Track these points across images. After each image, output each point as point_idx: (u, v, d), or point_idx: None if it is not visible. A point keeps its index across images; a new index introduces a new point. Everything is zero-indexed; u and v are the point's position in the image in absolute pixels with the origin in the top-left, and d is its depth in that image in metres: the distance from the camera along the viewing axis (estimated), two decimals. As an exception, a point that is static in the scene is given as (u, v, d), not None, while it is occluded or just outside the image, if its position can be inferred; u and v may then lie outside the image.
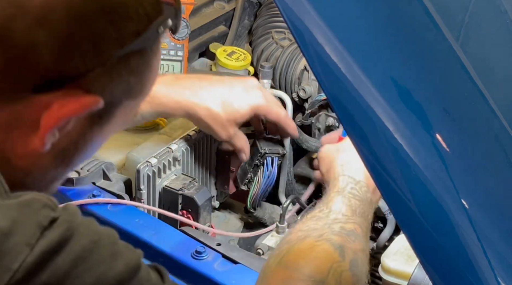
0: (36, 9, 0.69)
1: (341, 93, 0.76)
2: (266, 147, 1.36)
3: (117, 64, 0.74)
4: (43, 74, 0.71)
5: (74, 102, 0.72)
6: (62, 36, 0.70)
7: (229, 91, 1.31)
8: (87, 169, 1.33)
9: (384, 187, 0.77)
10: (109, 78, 0.74)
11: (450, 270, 0.75)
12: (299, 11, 0.76)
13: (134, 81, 0.77)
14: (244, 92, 1.32)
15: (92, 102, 0.74)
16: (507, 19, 0.91)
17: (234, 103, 1.30)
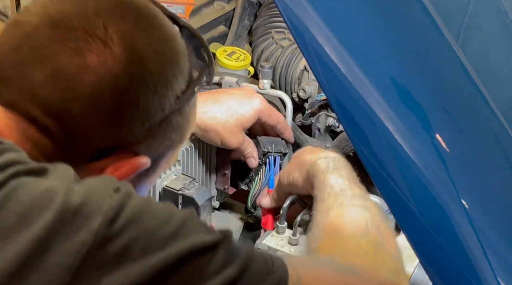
0: (86, 91, 0.72)
1: (341, 93, 0.76)
2: (269, 146, 1.36)
3: (160, 126, 0.79)
4: (96, 147, 0.76)
5: (126, 166, 0.78)
6: (111, 112, 0.74)
7: (232, 98, 1.32)
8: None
9: (384, 187, 0.77)
10: (153, 139, 0.80)
11: (450, 270, 0.75)
12: (299, 12, 0.76)
13: (175, 136, 0.83)
14: (246, 98, 1.33)
15: (142, 164, 0.79)
16: (507, 20, 0.91)
17: (239, 108, 1.31)
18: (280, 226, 1.26)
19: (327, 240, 1.00)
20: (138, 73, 0.74)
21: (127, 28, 0.75)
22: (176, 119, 0.81)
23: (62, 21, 0.74)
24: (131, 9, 0.77)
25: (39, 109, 0.73)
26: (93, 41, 0.73)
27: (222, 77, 1.53)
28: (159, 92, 0.76)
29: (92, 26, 0.73)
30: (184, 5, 1.50)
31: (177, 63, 0.79)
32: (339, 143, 1.40)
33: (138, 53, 0.75)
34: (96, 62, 0.72)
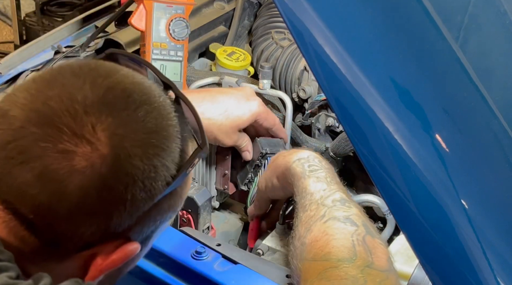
0: (73, 193, 0.72)
1: (341, 93, 0.76)
2: (268, 148, 1.37)
3: (150, 212, 0.79)
4: (84, 241, 0.76)
5: (116, 254, 0.78)
6: (98, 212, 0.74)
7: (230, 99, 1.32)
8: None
9: (383, 188, 0.77)
10: (143, 225, 0.80)
11: (450, 270, 0.75)
12: (299, 12, 0.76)
13: (168, 213, 0.83)
14: (244, 99, 1.33)
15: (132, 250, 0.79)
16: (507, 20, 0.91)
17: (235, 110, 1.31)
18: (280, 226, 1.26)
19: (313, 265, 0.98)
20: (126, 172, 0.74)
21: (116, 124, 0.74)
22: (167, 202, 0.81)
23: (50, 120, 0.73)
24: (121, 99, 0.76)
25: (27, 208, 0.73)
26: (80, 143, 0.72)
27: (222, 77, 1.53)
28: (147, 186, 0.76)
29: (80, 125, 0.73)
30: (184, 5, 1.50)
31: (168, 150, 0.78)
32: (339, 143, 1.40)
33: (126, 151, 0.74)
34: (84, 166, 0.72)
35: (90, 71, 0.77)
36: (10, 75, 1.61)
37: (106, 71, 0.78)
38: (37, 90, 0.75)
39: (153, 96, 0.78)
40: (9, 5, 3.57)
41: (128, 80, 0.78)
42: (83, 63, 0.79)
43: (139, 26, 1.49)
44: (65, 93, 0.74)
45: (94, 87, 0.75)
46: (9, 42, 3.79)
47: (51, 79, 0.76)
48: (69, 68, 0.78)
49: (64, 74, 0.77)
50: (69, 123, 0.72)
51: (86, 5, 3.18)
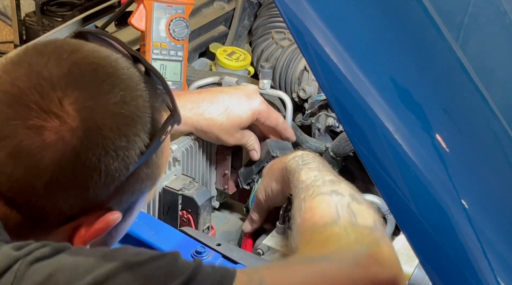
0: (48, 167, 0.74)
1: (341, 93, 0.76)
2: (278, 150, 1.36)
3: (127, 182, 0.80)
4: (65, 214, 0.77)
5: (98, 224, 0.79)
6: (74, 184, 0.75)
7: (231, 98, 1.32)
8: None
9: (383, 187, 0.77)
10: (122, 194, 0.80)
11: (450, 270, 0.75)
12: (299, 12, 0.76)
13: (145, 184, 0.83)
14: (245, 98, 1.33)
15: (113, 219, 0.80)
16: (507, 20, 0.91)
17: (236, 109, 1.31)
18: (280, 227, 1.26)
19: (302, 238, 1.02)
20: (97, 143, 0.75)
21: (83, 97, 0.75)
22: (144, 171, 0.82)
23: (18, 98, 0.74)
24: (87, 73, 0.77)
25: (4, 186, 0.75)
26: (49, 118, 0.73)
27: (222, 77, 1.53)
28: (120, 155, 0.76)
29: (47, 101, 0.74)
30: (184, 5, 1.50)
31: (138, 120, 0.78)
32: (339, 143, 1.40)
33: (96, 123, 0.75)
34: (54, 139, 0.73)
35: (55, 48, 0.78)
36: (10, 75, 1.60)
37: (71, 47, 0.79)
38: (5, 72, 0.77)
39: (121, 68, 0.79)
40: (9, 5, 3.57)
41: (94, 55, 0.79)
42: (48, 42, 0.80)
43: (139, 26, 1.49)
44: (32, 71, 0.76)
45: (60, 63, 0.76)
46: (9, 42, 3.79)
47: (17, 60, 0.78)
48: (34, 48, 0.79)
49: (30, 54, 0.78)
50: (37, 100, 0.74)
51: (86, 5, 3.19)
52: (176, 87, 1.50)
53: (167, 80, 1.48)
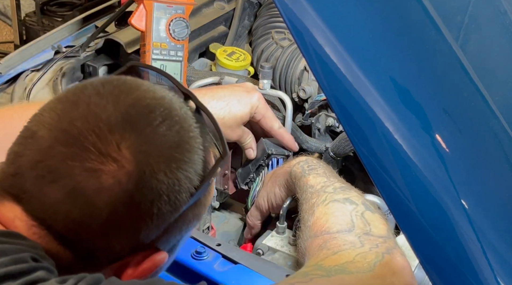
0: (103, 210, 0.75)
1: (341, 93, 0.76)
2: (273, 148, 1.37)
3: (176, 223, 0.82)
4: (115, 254, 0.79)
5: (145, 264, 0.81)
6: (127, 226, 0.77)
7: (231, 94, 1.33)
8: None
9: (383, 187, 0.77)
10: (170, 234, 0.82)
11: (450, 270, 0.75)
12: (299, 12, 0.76)
13: (193, 222, 0.86)
14: (245, 93, 1.33)
15: (160, 260, 0.82)
16: (507, 20, 0.91)
17: (237, 104, 1.32)
18: (280, 227, 1.26)
19: (314, 241, 1.03)
20: (151, 187, 0.76)
21: (140, 141, 0.76)
22: (192, 212, 0.84)
23: (76, 140, 0.75)
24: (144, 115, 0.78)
25: (59, 224, 0.76)
26: (107, 162, 0.75)
27: (222, 77, 1.53)
28: (172, 198, 0.78)
29: (105, 144, 0.75)
30: (184, 5, 1.50)
31: (190, 163, 0.80)
32: (339, 143, 1.40)
33: (151, 167, 0.76)
34: (111, 183, 0.75)
35: (113, 89, 0.79)
36: (10, 75, 1.61)
37: (128, 88, 0.80)
38: (63, 110, 0.78)
39: (174, 109, 0.81)
40: (9, 5, 3.57)
41: (149, 95, 0.80)
42: (106, 81, 0.81)
43: (139, 26, 1.49)
44: (90, 112, 0.77)
45: (117, 105, 0.77)
46: (9, 42, 3.79)
47: (75, 99, 0.79)
48: (92, 87, 0.80)
49: (88, 93, 0.79)
50: (95, 142, 0.75)
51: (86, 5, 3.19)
52: (176, 87, 1.50)
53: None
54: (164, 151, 0.77)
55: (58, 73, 1.61)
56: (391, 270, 0.96)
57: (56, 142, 0.76)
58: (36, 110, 0.82)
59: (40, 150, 0.76)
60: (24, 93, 1.55)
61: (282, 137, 1.37)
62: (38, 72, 1.62)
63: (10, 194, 0.77)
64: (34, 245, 0.75)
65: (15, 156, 0.78)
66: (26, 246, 0.75)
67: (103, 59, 1.68)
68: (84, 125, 0.76)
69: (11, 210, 0.77)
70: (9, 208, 0.77)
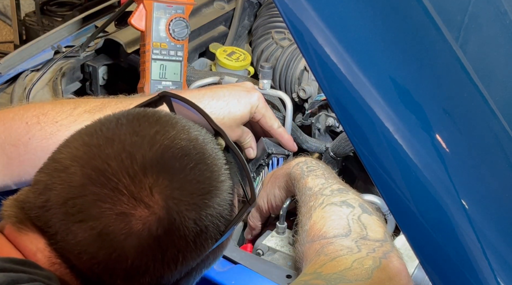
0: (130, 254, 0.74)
1: (341, 93, 0.76)
2: (273, 148, 1.37)
3: (197, 266, 0.82)
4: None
5: None
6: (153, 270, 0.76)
7: (231, 93, 1.33)
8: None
9: (383, 188, 0.77)
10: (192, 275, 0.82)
11: (450, 270, 0.75)
12: (299, 12, 0.76)
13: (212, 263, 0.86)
14: (245, 93, 1.33)
15: None
16: (507, 20, 0.91)
17: (237, 104, 1.32)
18: (280, 227, 1.26)
19: (311, 246, 1.04)
20: (179, 236, 0.76)
21: (172, 186, 0.75)
22: (214, 255, 0.84)
23: (109, 180, 0.74)
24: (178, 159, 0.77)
25: (84, 265, 0.75)
26: (138, 207, 0.73)
27: (222, 77, 1.53)
28: (198, 245, 0.77)
29: (138, 188, 0.74)
30: (184, 5, 1.50)
31: (219, 209, 0.79)
32: (339, 143, 1.40)
33: (181, 215, 0.75)
34: (140, 228, 0.74)
35: (149, 127, 0.78)
36: (10, 75, 1.61)
37: (163, 126, 0.79)
38: (97, 146, 0.76)
39: (207, 152, 0.80)
40: (9, 5, 3.58)
41: (184, 136, 0.79)
42: (141, 116, 0.80)
43: (139, 26, 1.49)
44: (124, 152, 0.75)
45: (153, 146, 0.76)
46: (9, 42, 3.79)
47: (109, 134, 0.77)
48: (128, 123, 0.78)
49: (123, 129, 0.78)
50: (128, 185, 0.74)
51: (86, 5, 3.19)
52: (176, 87, 1.50)
53: (167, 80, 1.49)
54: (195, 199, 0.76)
55: (58, 73, 1.61)
56: (387, 275, 0.96)
57: (88, 180, 0.74)
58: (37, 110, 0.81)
59: (72, 186, 0.74)
60: (24, 93, 1.55)
61: (282, 137, 1.37)
62: (38, 72, 1.62)
63: (35, 225, 0.76)
64: (49, 276, 0.74)
65: (44, 187, 0.76)
66: (41, 276, 0.73)
67: (103, 59, 1.68)
68: (118, 165, 0.74)
69: (34, 242, 0.76)
70: (32, 240, 0.76)
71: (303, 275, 0.98)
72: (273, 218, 1.32)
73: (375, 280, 0.94)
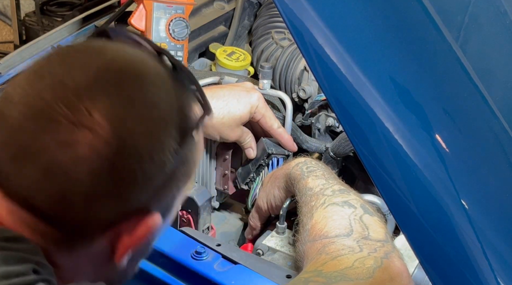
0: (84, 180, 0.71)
1: (341, 93, 0.76)
2: (273, 148, 1.37)
3: (164, 183, 0.78)
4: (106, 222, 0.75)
5: (139, 229, 0.77)
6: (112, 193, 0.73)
7: (231, 93, 1.32)
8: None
9: (383, 188, 0.77)
10: (161, 195, 0.78)
11: (450, 270, 0.75)
12: (299, 12, 0.76)
13: (183, 180, 0.81)
14: (245, 93, 1.33)
15: (155, 223, 0.78)
16: (507, 20, 0.91)
17: (236, 104, 1.32)
18: (280, 227, 1.26)
19: (313, 245, 1.03)
20: (131, 151, 0.73)
21: (112, 104, 0.72)
22: (180, 170, 0.79)
23: (45, 112, 0.71)
24: (114, 78, 0.74)
25: (42, 203, 0.72)
26: (79, 131, 0.71)
27: (222, 77, 1.52)
28: (155, 159, 0.74)
29: (76, 112, 0.71)
30: (184, 5, 1.50)
31: (169, 121, 0.76)
32: (339, 143, 1.40)
33: (127, 130, 0.73)
34: (88, 152, 0.71)
35: (78, 53, 0.76)
36: (10, 75, 1.61)
37: (95, 50, 0.76)
38: (28, 84, 0.74)
39: (148, 67, 0.77)
40: (9, 5, 3.57)
41: (119, 56, 0.76)
42: (70, 47, 0.78)
43: (139, 26, 1.49)
44: (56, 81, 0.73)
45: (84, 70, 0.73)
46: (9, 42, 3.79)
47: (40, 70, 0.75)
48: (57, 55, 0.76)
49: (52, 62, 0.75)
50: (65, 113, 0.71)
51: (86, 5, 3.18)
52: (176, 87, 1.50)
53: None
54: (140, 112, 0.73)
55: (58, 73, 1.61)
56: (389, 275, 0.96)
57: (24, 118, 0.72)
58: None
59: (9, 128, 0.72)
60: (24, 93, 1.55)
61: (281, 137, 1.37)
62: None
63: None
64: (35, 251, 0.73)
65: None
66: (28, 252, 0.72)
67: (103, 59, 1.68)
68: (51, 96, 0.72)
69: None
70: None
71: (304, 272, 0.98)
72: (273, 218, 1.32)
73: (376, 280, 0.94)
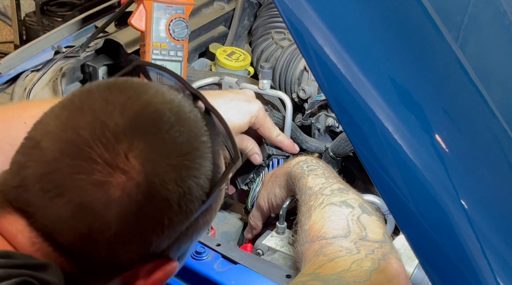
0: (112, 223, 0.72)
1: (340, 93, 0.76)
2: (273, 149, 1.37)
3: (187, 231, 0.79)
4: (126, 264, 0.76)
5: (157, 274, 0.78)
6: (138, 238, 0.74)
7: (231, 102, 1.32)
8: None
9: (383, 188, 0.77)
10: (181, 243, 0.80)
11: (450, 270, 0.75)
12: (299, 12, 0.76)
13: (203, 228, 0.83)
14: (245, 102, 1.33)
15: (172, 269, 0.80)
16: (506, 20, 0.91)
17: (236, 113, 1.31)
18: (280, 226, 1.26)
19: (311, 247, 1.03)
20: (161, 198, 0.73)
21: (148, 149, 0.73)
22: (203, 218, 0.81)
23: (82, 151, 0.72)
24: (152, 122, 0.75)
25: (66, 239, 0.73)
26: (115, 173, 0.72)
27: (222, 77, 1.53)
28: (182, 207, 0.75)
29: (113, 155, 0.72)
30: (184, 5, 1.50)
31: (201, 169, 0.77)
32: (339, 143, 1.40)
33: (160, 177, 0.73)
34: (120, 195, 0.72)
35: (120, 93, 0.76)
36: (10, 75, 1.61)
37: (135, 92, 0.77)
38: (68, 118, 0.74)
39: (184, 113, 0.77)
40: (9, 5, 3.57)
41: (158, 100, 0.77)
42: (112, 85, 0.78)
43: (139, 26, 1.49)
44: (96, 120, 0.73)
45: (124, 112, 0.74)
46: (9, 42, 3.79)
47: (80, 105, 0.75)
48: (98, 92, 0.76)
49: (94, 99, 0.76)
50: (102, 153, 0.72)
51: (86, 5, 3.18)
52: (176, 87, 1.50)
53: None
54: (173, 160, 0.74)
55: (58, 73, 1.61)
56: (386, 278, 0.96)
57: (61, 153, 0.72)
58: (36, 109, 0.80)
59: (45, 162, 0.73)
60: (24, 93, 1.55)
61: (282, 144, 1.37)
62: (38, 72, 1.62)
63: (13, 207, 0.74)
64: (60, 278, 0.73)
65: (18, 167, 0.75)
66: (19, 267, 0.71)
67: (103, 59, 1.68)
68: (90, 134, 0.72)
69: (14, 224, 0.74)
70: (12, 222, 0.74)
71: (301, 275, 0.97)
72: (273, 218, 1.32)
73: (373, 282, 0.93)
